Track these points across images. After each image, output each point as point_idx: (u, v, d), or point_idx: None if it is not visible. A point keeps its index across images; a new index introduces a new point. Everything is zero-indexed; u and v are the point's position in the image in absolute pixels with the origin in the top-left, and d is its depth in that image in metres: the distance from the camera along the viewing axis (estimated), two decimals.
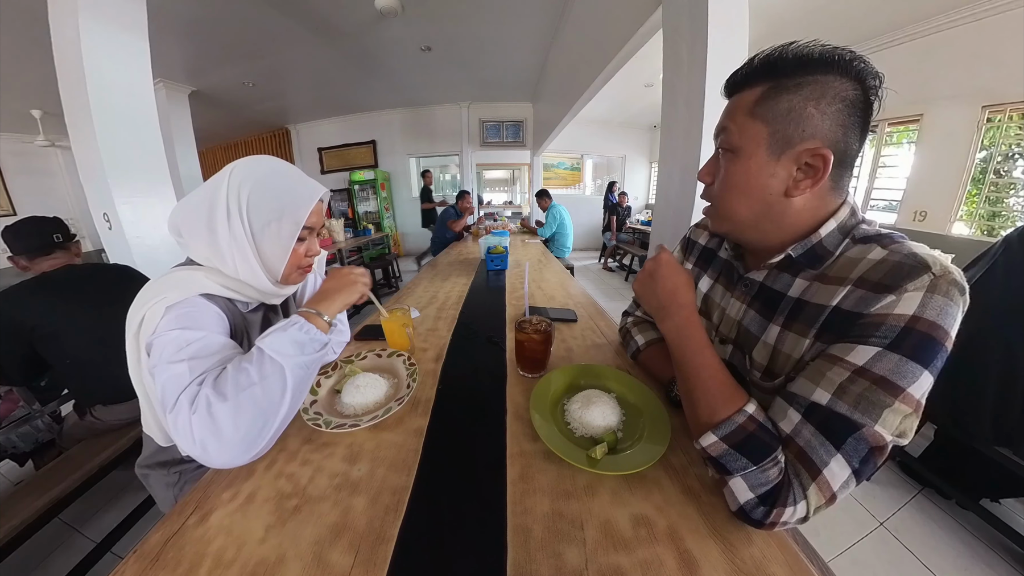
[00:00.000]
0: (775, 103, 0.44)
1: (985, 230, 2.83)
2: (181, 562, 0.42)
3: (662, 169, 1.54)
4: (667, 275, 0.56)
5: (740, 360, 0.59)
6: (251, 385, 0.49)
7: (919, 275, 0.38)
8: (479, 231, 3.45)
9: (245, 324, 0.69)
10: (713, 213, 0.56)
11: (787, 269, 0.52)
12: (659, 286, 0.56)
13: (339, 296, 0.66)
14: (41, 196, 5.27)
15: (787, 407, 0.44)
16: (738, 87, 0.49)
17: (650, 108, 5.63)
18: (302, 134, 6.65)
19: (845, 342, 0.41)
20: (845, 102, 0.42)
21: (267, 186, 0.61)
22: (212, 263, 0.62)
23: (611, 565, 0.41)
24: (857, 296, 0.42)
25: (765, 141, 0.45)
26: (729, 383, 0.48)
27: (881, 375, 0.37)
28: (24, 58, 2.99)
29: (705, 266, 0.71)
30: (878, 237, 0.45)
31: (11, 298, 1.07)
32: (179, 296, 0.56)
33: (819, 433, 0.39)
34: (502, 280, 1.67)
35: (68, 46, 1.61)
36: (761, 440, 0.42)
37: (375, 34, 3.42)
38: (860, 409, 0.38)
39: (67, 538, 1.33)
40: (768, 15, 2.92)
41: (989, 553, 1.23)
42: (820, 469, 0.38)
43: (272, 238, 0.62)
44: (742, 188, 0.49)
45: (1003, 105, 2.60)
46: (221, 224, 0.59)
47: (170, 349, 0.51)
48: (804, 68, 0.43)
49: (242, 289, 0.64)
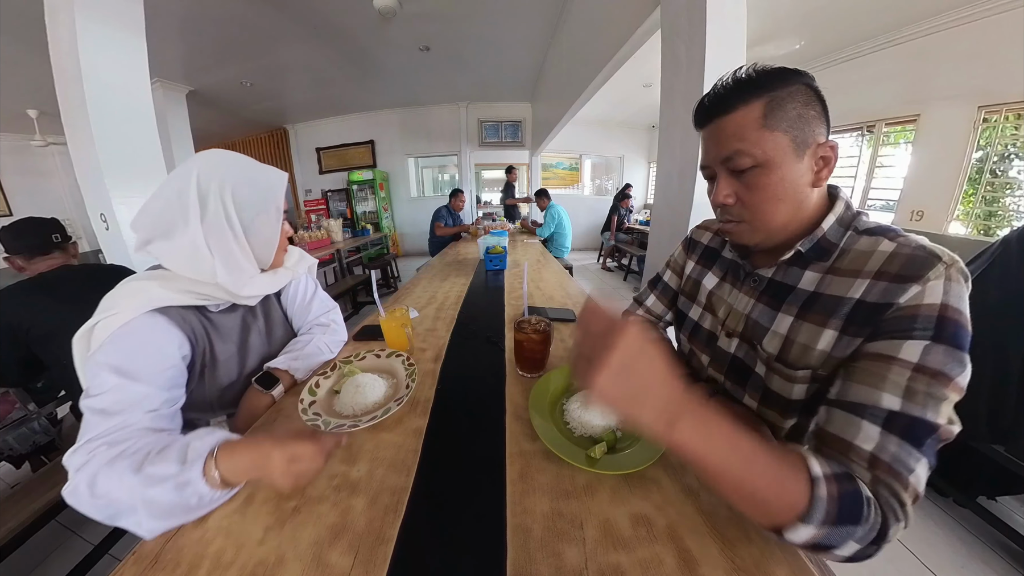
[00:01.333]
0: (783, 112, 0.47)
1: (981, 230, 2.84)
2: (180, 564, 0.42)
3: (660, 169, 1.54)
4: (649, 358, 0.35)
5: (747, 352, 0.60)
6: (119, 499, 0.46)
7: (934, 264, 0.41)
8: (477, 231, 3.44)
9: (210, 329, 0.68)
10: (746, 228, 0.54)
11: (796, 263, 0.54)
12: (645, 379, 0.35)
13: (255, 465, 0.49)
14: (37, 196, 5.24)
15: (858, 420, 0.40)
16: (723, 110, 0.50)
17: (648, 108, 5.63)
18: (300, 134, 6.63)
19: (889, 338, 0.41)
20: (818, 102, 0.48)
21: (246, 180, 0.64)
22: (184, 269, 0.62)
23: (610, 564, 0.41)
24: (881, 288, 0.43)
25: (790, 147, 0.48)
26: (781, 454, 0.37)
27: (937, 368, 0.38)
28: (20, 57, 2.98)
29: (709, 264, 0.72)
30: (881, 229, 0.48)
31: (7, 298, 1.07)
32: (130, 314, 0.56)
33: (904, 442, 0.38)
34: (501, 280, 1.67)
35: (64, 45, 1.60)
36: (850, 494, 0.36)
37: (373, 34, 3.41)
38: (930, 408, 0.38)
39: (65, 540, 1.32)
40: (766, 15, 2.93)
41: (986, 550, 1.24)
42: (909, 478, 0.37)
43: (262, 228, 0.66)
44: (781, 196, 0.49)
45: (999, 105, 2.61)
46: (195, 224, 0.59)
47: (93, 387, 0.52)
48: (780, 79, 0.48)
49: (212, 292, 0.64)
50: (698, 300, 0.72)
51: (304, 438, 0.50)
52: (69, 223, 5.39)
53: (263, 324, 0.80)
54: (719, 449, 0.36)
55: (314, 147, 6.63)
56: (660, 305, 0.85)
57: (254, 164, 0.68)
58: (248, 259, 0.66)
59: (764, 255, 0.59)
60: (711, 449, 0.36)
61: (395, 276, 4.78)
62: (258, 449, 0.49)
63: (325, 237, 3.88)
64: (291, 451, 0.48)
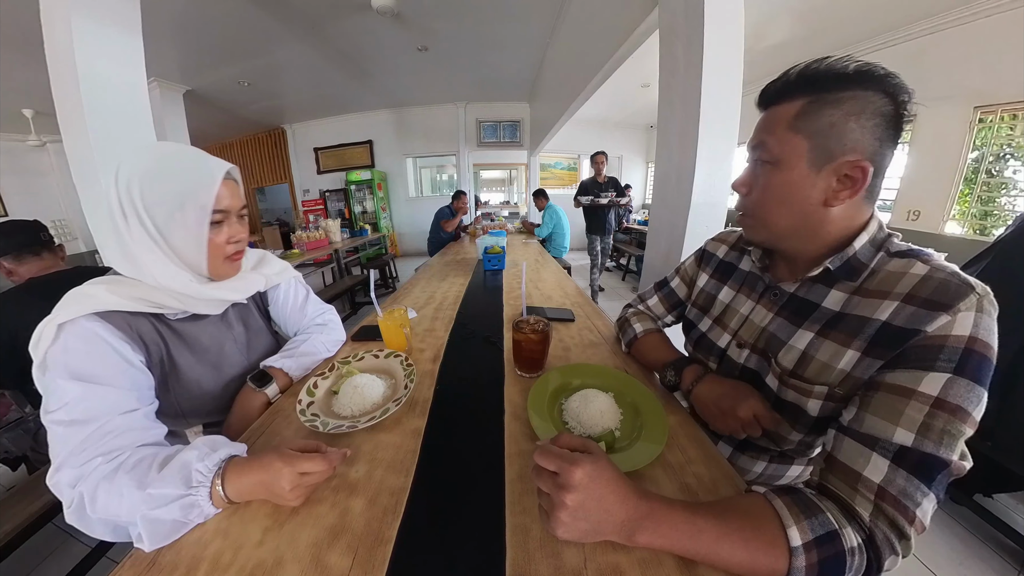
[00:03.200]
0: (816, 117, 0.45)
1: (977, 229, 2.86)
2: (178, 566, 0.42)
3: (658, 169, 1.54)
4: (599, 495, 0.38)
5: (759, 363, 0.60)
6: (120, 515, 0.45)
7: (967, 295, 0.40)
8: (476, 231, 3.44)
9: (168, 336, 0.64)
10: (750, 223, 0.56)
11: (821, 280, 0.52)
12: (599, 513, 0.38)
13: (264, 485, 0.47)
14: (32, 196, 5.20)
15: (869, 452, 0.40)
16: (774, 100, 0.50)
17: (647, 108, 5.64)
18: (298, 134, 6.62)
19: (911, 368, 0.40)
20: (882, 116, 0.44)
21: (158, 176, 0.56)
22: (133, 274, 0.59)
23: (610, 564, 0.41)
24: (909, 313, 0.42)
25: (806, 154, 0.47)
26: (754, 527, 0.39)
27: (956, 404, 0.38)
28: (16, 57, 2.96)
29: (724, 277, 0.71)
30: (914, 252, 0.47)
31: (4, 306, 1.04)
32: (67, 316, 0.52)
33: (913, 477, 0.38)
34: (499, 280, 1.67)
35: (60, 45, 1.59)
36: (831, 558, 0.37)
37: (371, 33, 3.41)
38: (944, 444, 0.38)
39: (62, 543, 1.32)
40: (763, 17, 2.94)
41: (983, 547, 1.24)
42: (915, 511, 0.37)
43: (179, 230, 0.57)
44: (782, 199, 0.50)
45: (995, 106, 2.63)
46: (123, 228, 0.55)
47: (52, 401, 0.49)
48: (842, 83, 0.45)
49: (164, 300, 0.60)
50: (710, 313, 0.71)
51: (311, 452, 0.50)
52: (65, 223, 5.37)
53: (242, 333, 0.77)
54: (681, 542, 0.39)
55: (312, 147, 6.61)
56: (661, 307, 0.86)
57: (174, 155, 0.58)
58: (179, 265, 0.59)
59: (787, 269, 0.58)
60: (673, 544, 0.39)
61: (393, 276, 4.78)
62: (268, 469, 0.47)
63: (323, 237, 3.87)
64: (301, 467, 0.47)
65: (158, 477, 0.45)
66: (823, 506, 0.40)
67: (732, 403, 0.56)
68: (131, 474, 0.46)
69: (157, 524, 0.44)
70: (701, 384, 0.63)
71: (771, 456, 0.65)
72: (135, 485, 0.44)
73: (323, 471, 0.49)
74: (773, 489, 0.44)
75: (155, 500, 0.44)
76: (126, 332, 0.57)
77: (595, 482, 0.38)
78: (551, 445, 0.42)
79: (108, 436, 0.49)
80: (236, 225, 0.64)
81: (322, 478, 0.50)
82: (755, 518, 0.40)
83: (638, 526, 0.39)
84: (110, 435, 0.49)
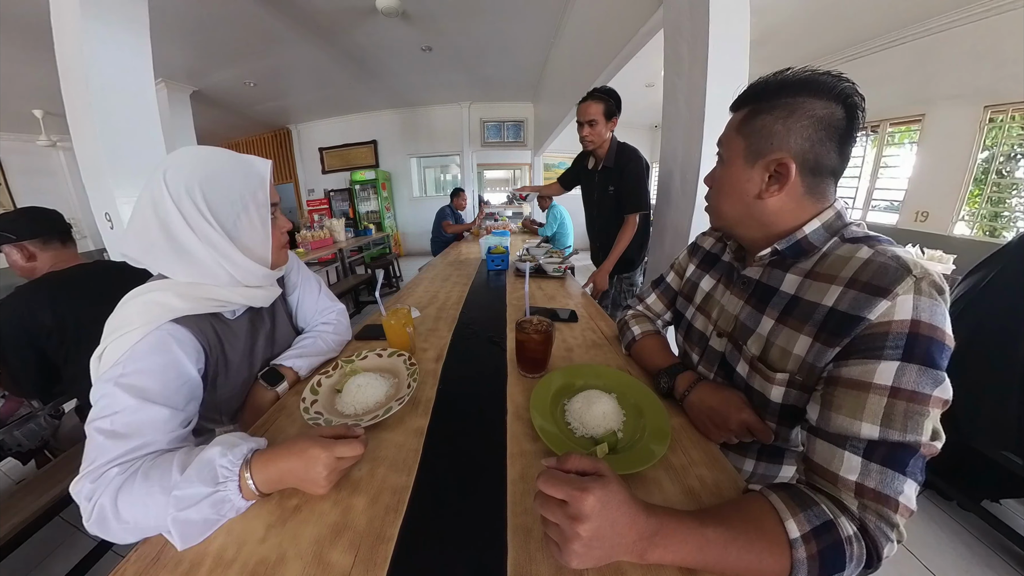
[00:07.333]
0: (752, 121, 0.53)
1: (987, 231, 2.82)
2: (181, 561, 0.42)
3: (663, 168, 1.54)
4: (611, 518, 0.36)
5: (731, 351, 0.63)
6: (147, 521, 0.44)
7: (903, 278, 0.41)
8: (479, 231, 3.44)
9: (224, 335, 0.66)
10: (709, 211, 0.65)
11: (779, 265, 0.56)
12: (611, 538, 0.36)
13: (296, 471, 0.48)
14: (43, 196, 5.27)
15: (840, 451, 0.41)
16: (733, 108, 0.58)
17: (651, 108, 5.61)
18: (303, 134, 6.66)
19: (862, 359, 0.42)
20: (813, 119, 0.48)
21: (217, 182, 0.58)
22: (194, 278, 0.60)
23: (611, 565, 0.40)
24: (851, 297, 0.44)
25: (742, 152, 0.54)
26: (756, 528, 0.40)
27: (912, 389, 0.39)
28: (26, 58, 3.00)
29: (708, 268, 0.75)
30: (866, 238, 0.49)
31: (24, 301, 1.01)
32: (148, 328, 0.53)
33: (887, 468, 0.39)
34: (503, 280, 1.67)
35: (70, 46, 1.62)
36: (830, 547, 0.38)
37: (376, 34, 3.42)
38: (910, 429, 0.39)
39: (68, 537, 1.34)
40: (769, 15, 2.92)
41: (990, 554, 1.23)
42: (898, 499, 0.39)
43: (248, 229, 0.62)
44: (726, 191, 0.58)
45: (1006, 105, 2.59)
46: (188, 238, 0.56)
47: (98, 407, 0.49)
48: (781, 92, 0.50)
49: (230, 296, 0.63)
50: (694, 301, 0.75)
51: (342, 435, 0.51)
52: (75, 222, 5.42)
53: (269, 327, 0.79)
54: (691, 554, 0.39)
55: (317, 147, 6.65)
56: (660, 304, 0.88)
57: (221, 161, 0.61)
58: (247, 261, 0.63)
59: (751, 255, 0.62)
60: (684, 558, 0.39)
61: (397, 276, 4.80)
62: (303, 455, 0.47)
63: (328, 237, 3.90)
64: (339, 451, 0.48)
65: (182, 479, 0.45)
66: (816, 499, 0.41)
67: (723, 417, 0.58)
68: (149, 480, 0.45)
69: (188, 525, 0.43)
70: (693, 393, 0.64)
71: (758, 452, 0.67)
72: (159, 490, 0.44)
73: (358, 455, 0.51)
74: (769, 486, 0.45)
75: (183, 501, 0.43)
76: (197, 337, 0.60)
77: (607, 507, 0.36)
78: (556, 471, 0.39)
79: (142, 451, 0.49)
80: (281, 216, 0.70)
81: (354, 461, 0.51)
82: (757, 518, 0.41)
83: (649, 543, 0.38)
84: (146, 450, 0.49)
